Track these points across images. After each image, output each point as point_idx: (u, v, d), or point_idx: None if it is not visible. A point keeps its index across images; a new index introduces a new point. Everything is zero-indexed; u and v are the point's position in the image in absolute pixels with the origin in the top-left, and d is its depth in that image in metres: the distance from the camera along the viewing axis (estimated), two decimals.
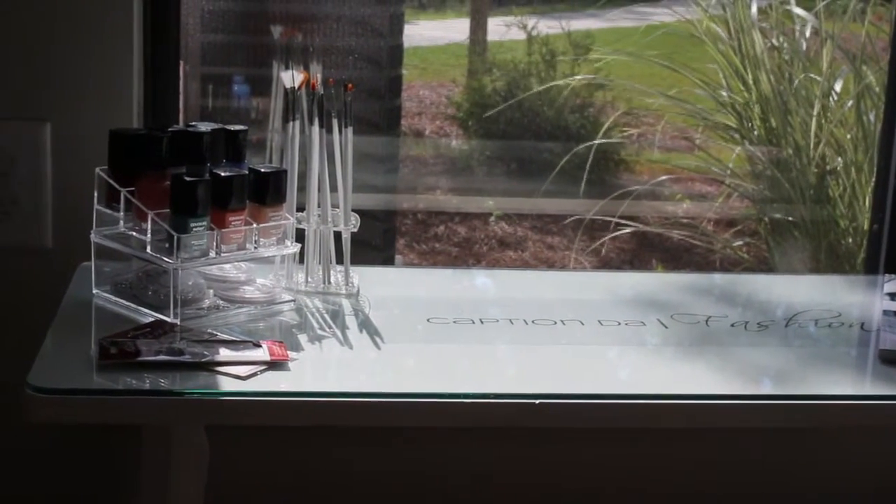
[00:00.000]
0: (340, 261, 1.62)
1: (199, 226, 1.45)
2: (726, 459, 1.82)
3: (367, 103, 2.64)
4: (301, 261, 1.61)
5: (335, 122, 1.57)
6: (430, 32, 3.81)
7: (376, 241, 2.71)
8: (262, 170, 1.53)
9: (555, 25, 3.54)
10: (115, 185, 1.50)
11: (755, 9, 3.00)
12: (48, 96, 1.70)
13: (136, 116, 1.74)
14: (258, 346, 1.39)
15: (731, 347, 1.53)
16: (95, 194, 1.52)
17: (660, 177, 3.31)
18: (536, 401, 1.32)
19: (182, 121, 1.84)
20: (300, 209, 1.59)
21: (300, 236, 1.58)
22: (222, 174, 1.48)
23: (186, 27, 2.23)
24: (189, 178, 1.45)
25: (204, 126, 1.53)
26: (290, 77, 1.56)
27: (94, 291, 1.54)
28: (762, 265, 3.05)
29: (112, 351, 1.34)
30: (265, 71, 1.66)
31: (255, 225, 1.51)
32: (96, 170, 1.52)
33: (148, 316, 1.47)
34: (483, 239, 3.40)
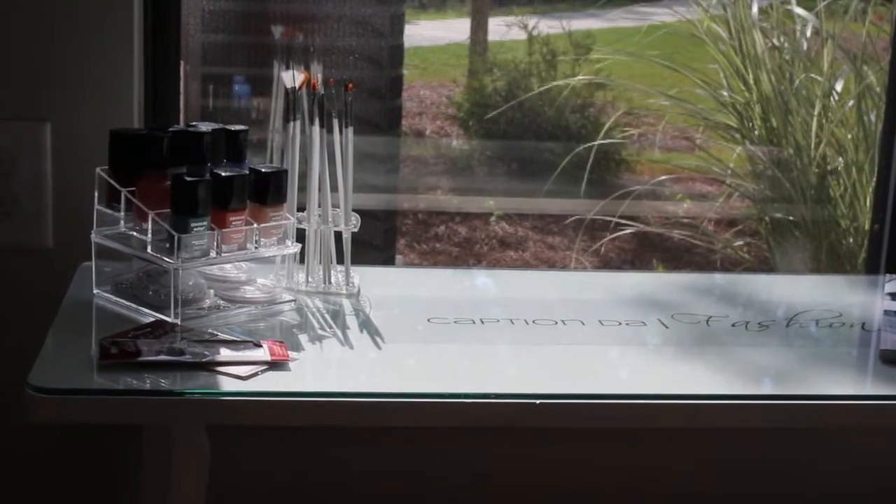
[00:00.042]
0: (341, 261, 1.61)
1: (199, 226, 1.45)
2: (726, 459, 1.82)
3: (367, 103, 2.64)
4: (301, 261, 1.61)
5: (336, 122, 1.57)
6: (431, 32, 3.81)
7: (377, 241, 2.71)
8: (263, 170, 1.53)
9: (555, 25, 3.54)
10: (116, 185, 1.50)
11: (756, 9, 2.99)
12: (49, 96, 1.70)
13: (136, 116, 1.74)
14: (259, 346, 1.38)
15: (732, 347, 1.52)
16: (96, 194, 1.52)
17: (660, 177, 3.30)
18: (537, 401, 1.32)
19: (183, 121, 1.84)
20: (301, 209, 1.59)
21: (301, 236, 1.58)
22: (223, 174, 1.48)
23: (187, 27, 2.23)
24: (190, 178, 1.45)
25: (204, 126, 1.53)
26: (290, 77, 1.56)
27: (95, 291, 1.54)
28: (763, 265, 3.05)
29: (113, 351, 1.34)
30: (266, 71, 1.66)
31: (255, 225, 1.51)
32: (97, 170, 1.52)
33: (148, 316, 1.47)
34: (484, 239, 3.40)
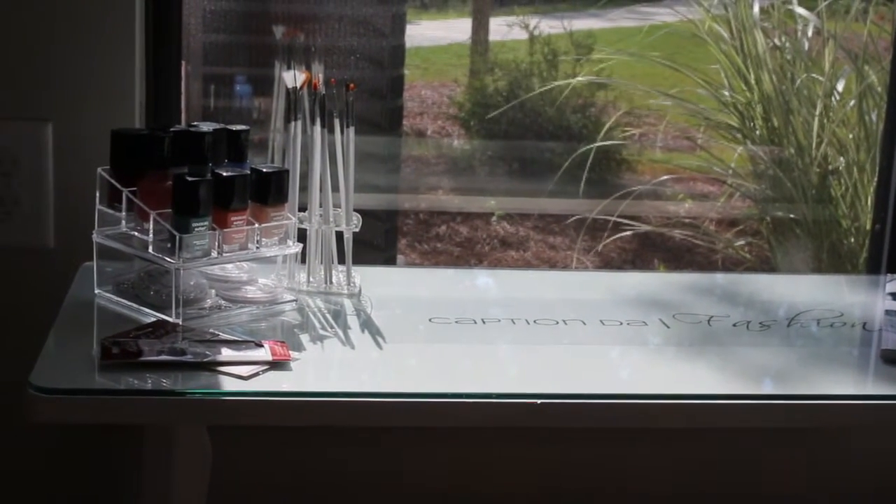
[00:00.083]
0: (342, 261, 1.62)
1: (200, 226, 1.45)
2: (726, 459, 1.82)
3: (368, 103, 2.64)
4: (303, 261, 1.61)
5: (337, 121, 1.57)
6: (432, 32, 3.80)
7: (378, 240, 2.71)
8: (264, 170, 1.53)
9: (556, 25, 3.54)
10: (117, 185, 1.50)
11: (757, 8, 2.99)
12: (50, 96, 1.70)
13: (137, 116, 1.74)
14: (260, 346, 1.39)
15: (733, 347, 1.52)
16: (97, 194, 1.52)
17: (662, 176, 3.30)
18: (538, 401, 1.32)
19: (184, 121, 1.84)
20: (302, 209, 1.59)
21: (302, 236, 1.58)
22: (224, 174, 1.48)
23: (188, 27, 2.23)
24: (191, 177, 1.45)
25: (206, 126, 1.53)
26: (291, 77, 1.56)
27: (96, 291, 1.54)
28: (764, 265, 3.05)
29: (114, 351, 1.34)
30: (267, 71, 1.66)
31: (256, 225, 1.51)
32: (98, 170, 1.52)
33: (150, 316, 1.47)
34: (485, 239, 3.40)
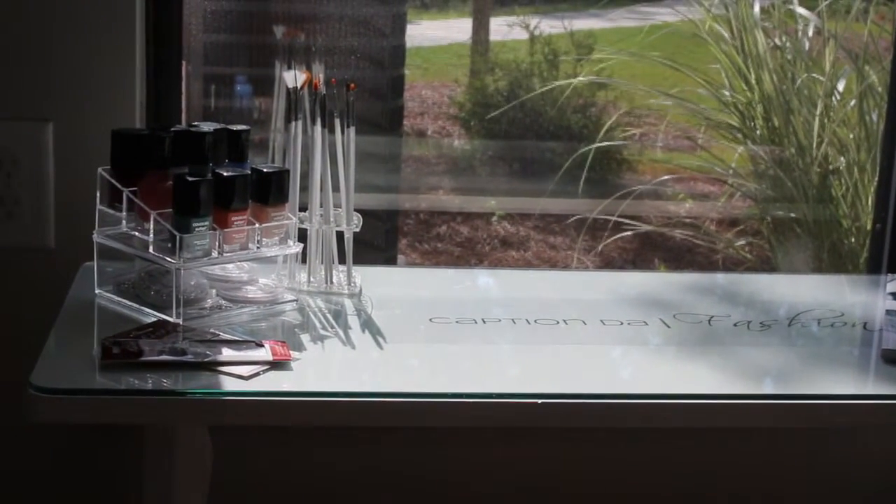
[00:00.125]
0: (343, 261, 1.62)
1: (201, 226, 1.45)
2: (727, 459, 1.82)
3: (369, 103, 2.64)
4: (303, 261, 1.61)
5: (337, 121, 1.57)
6: (433, 32, 3.80)
7: (378, 240, 2.71)
8: (265, 170, 1.53)
9: (557, 25, 3.54)
10: (118, 185, 1.50)
11: (758, 8, 2.99)
12: (50, 96, 1.70)
13: (138, 116, 1.74)
14: (261, 345, 1.39)
15: (734, 347, 1.52)
16: (98, 194, 1.52)
17: (662, 176, 3.30)
18: (538, 401, 1.32)
19: (184, 121, 1.84)
20: (302, 209, 1.59)
21: (302, 236, 1.58)
22: (225, 174, 1.48)
23: (189, 27, 2.23)
24: (191, 177, 1.45)
25: (206, 126, 1.53)
26: (292, 77, 1.56)
27: (97, 291, 1.54)
28: (765, 265, 3.05)
29: (114, 351, 1.34)
30: (268, 71, 1.66)
31: (257, 225, 1.51)
32: (99, 170, 1.52)
33: (150, 316, 1.47)
34: (485, 239, 3.40)
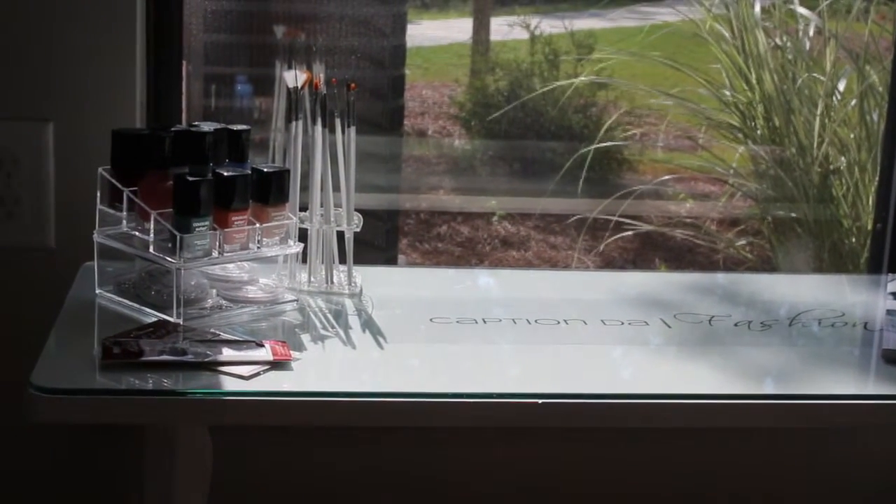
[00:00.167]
0: (343, 260, 1.62)
1: (201, 225, 1.44)
2: (727, 459, 1.82)
3: (369, 103, 2.64)
4: (304, 260, 1.61)
5: (338, 121, 1.57)
6: (433, 32, 3.80)
7: (379, 240, 2.71)
8: (265, 169, 1.53)
9: (558, 25, 3.54)
10: (118, 184, 1.50)
11: (758, 8, 2.99)
12: (51, 96, 1.70)
13: (138, 116, 1.74)
14: (261, 345, 1.38)
15: (735, 347, 1.52)
16: (98, 194, 1.52)
17: (663, 176, 3.30)
18: (539, 401, 1.32)
19: (185, 120, 1.84)
20: (303, 209, 1.59)
21: (303, 236, 1.58)
22: (225, 174, 1.48)
23: (189, 27, 2.23)
24: (192, 177, 1.45)
25: (207, 126, 1.53)
26: (292, 77, 1.56)
27: (97, 291, 1.54)
28: (765, 265, 3.05)
29: (115, 351, 1.34)
30: (268, 71, 1.66)
31: (257, 225, 1.51)
32: (99, 170, 1.52)
33: (151, 316, 1.47)
34: (486, 239, 3.40)
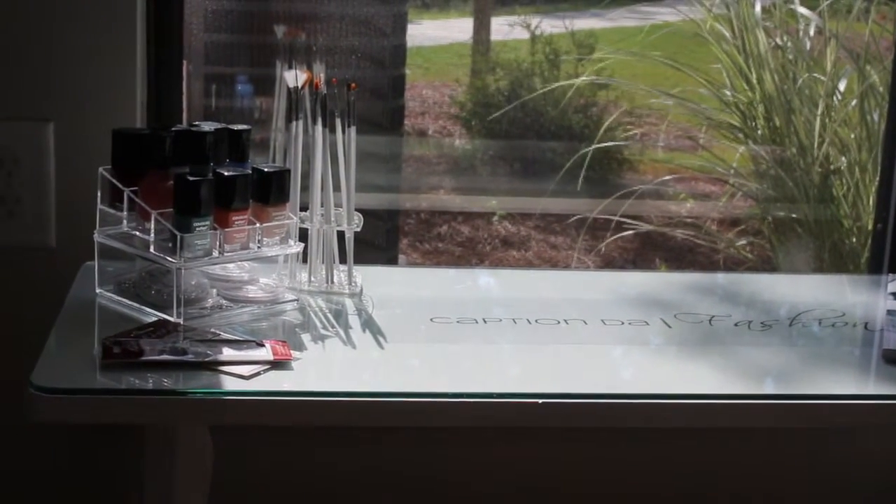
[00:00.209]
0: (343, 260, 1.62)
1: (202, 225, 1.44)
2: (727, 459, 1.82)
3: (370, 103, 2.64)
4: (304, 260, 1.61)
5: (338, 121, 1.57)
6: (434, 32, 3.81)
7: (379, 240, 2.71)
8: (266, 169, 1.53)
9: (558, 25, 3.54)
10: (119, 184, 1.50)
11: (759, 8, 2.99)
12: (51, 96, 1.70)
13: (139, 116, 1.74)
14: (261, 345, 1.38)
15: (735, 347, 1.52)
16: (99, 194, 1.52)
17: (664, 176, 3.30)
18: (539, 400, 1.32)
19: (185, 120, 1.84)
20: (303, 209, 1.59)
21: (303, 236, 1.58)
22: (226, 174, 1.48)
23: (190, 27, 2.23)
24: (192, 177, 1.45)
25: (207, 125, 1.53)
26: (293, 76, 1.56)
27: (98, 291, 1.54)
28: (766, 265, 3.05)
29: (115, 350, 1.34)
30: (268, 70, 1.66)
31: (258, 224, 1.51)
32: (100, 169, 1.52)
33: (151, 315, 1.47)
34: (486, 238, 3.40)
